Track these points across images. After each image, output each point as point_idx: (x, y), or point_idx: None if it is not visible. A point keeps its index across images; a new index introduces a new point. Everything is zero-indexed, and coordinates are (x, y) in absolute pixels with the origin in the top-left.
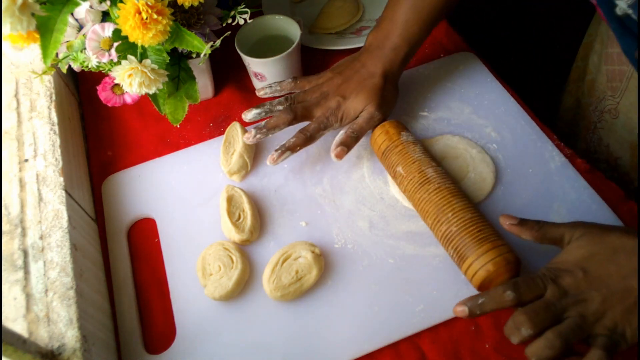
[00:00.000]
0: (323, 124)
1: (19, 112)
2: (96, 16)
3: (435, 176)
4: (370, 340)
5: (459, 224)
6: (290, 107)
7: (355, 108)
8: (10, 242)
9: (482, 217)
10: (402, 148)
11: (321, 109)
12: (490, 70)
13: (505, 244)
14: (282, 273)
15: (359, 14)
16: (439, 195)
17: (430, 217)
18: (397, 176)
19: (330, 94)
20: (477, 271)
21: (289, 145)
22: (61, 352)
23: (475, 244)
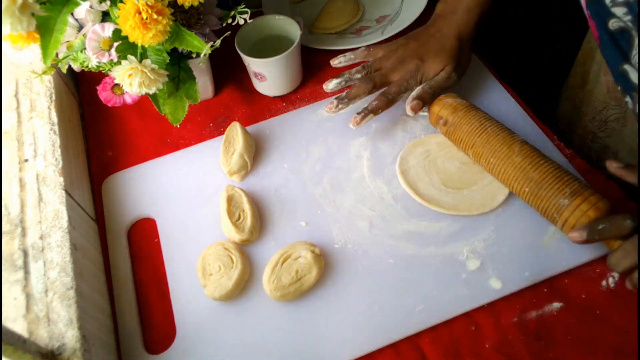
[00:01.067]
0: (403, 86)
1: (19, 112)
2: (96, 16)
3: (514, 135)
4: (370, 340)
5: (546, 178)
6: (368, 75)
7: (434, 69)
8: (10, 242)
9: (567, 170)
10: (466, 120)
11: (400, 73)
12: (491, 71)
13: (597, 193)
14: (282, 273)
15: (359, 14)
16: (511, 164)
17: (521, 175)
18: (479, 132)
19: (407, 58)
20: (581, 218)
21: (371, 108)
22: (61, 352)
23: (569, 194)
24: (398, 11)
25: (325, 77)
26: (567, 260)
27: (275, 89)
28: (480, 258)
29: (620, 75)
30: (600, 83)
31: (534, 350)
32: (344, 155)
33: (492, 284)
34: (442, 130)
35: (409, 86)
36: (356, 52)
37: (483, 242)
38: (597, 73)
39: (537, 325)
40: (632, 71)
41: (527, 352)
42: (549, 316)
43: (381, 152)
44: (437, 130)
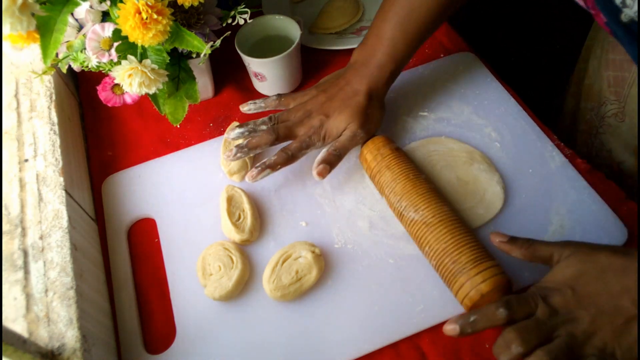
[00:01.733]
0: (305, 142)
1: (19, 112)
2: (96, 16)
3: (424, 194)
4: (370, 340)
5: (448, 244)
6: (273, 127)
7: (337, 127)
8: (10, 242)
9: (473, 236)
10: (387, 169)
11: (304, 128)
12: (491, 71)
13: (497, 265)
14: (282, 273)
15: (359, 14)
16: (429, 213)
17: (419, 239)
18: (386, 198)
19: (313, 112)
20: (469, 293)
21: (269, 163)
22: (61, 352)
23: (466, 264)
24: None
25: None
26: None
27: (275, 89)
28: None
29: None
30: (601, 77)
31: None
32: None
33: None
34: (367, 174)
35: (311, 143)
36: (267, 101)
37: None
38: (596, 68)
39: None
40: None
41: None
42: None
43: None
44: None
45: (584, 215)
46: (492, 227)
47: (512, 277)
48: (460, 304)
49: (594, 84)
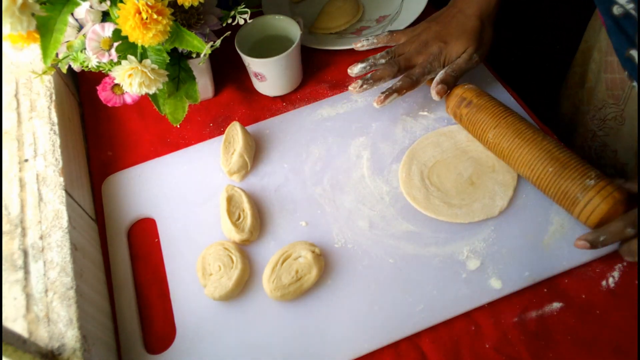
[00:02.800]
0: (427, 68)
1: (19, 112)
2: (96, 16)
3: (527, 128)
4: (370, 340)
5: (572, 161)
6: (394, 59)
7: (457, 51)
8: (10, 242)
9: (583, 159)
10: (491, 104)
11: (423, 56)
12: (491, 71)
13: (613, 182)
14: (282, 273)
15: (359, 14)
16: (537, 144)
17: (535, 167)
18: (505, 115)
19: (430, 41)
20: (594, 211)
21: (395, 87)
22: (61, 352)
23: (585, 184)
24: (398, 11)
25: (326, 77)
26: (567, 260)
27: (275, 89)
28: (480, 258)
29: (627, 60)
30: (601, 81)
31: (534, 350)
32: (344, 154)
33: (492, 283)
34: (463, 112)
35: (432, 68)
36: (379, 36)
37: (483, 242)
38: (596, 71)
39: (537, 325)
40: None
41: (527, 352)
42: (549, 316)
43: (381, 151)
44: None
45: None
46: (492, 223)
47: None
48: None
49: (595, 87)
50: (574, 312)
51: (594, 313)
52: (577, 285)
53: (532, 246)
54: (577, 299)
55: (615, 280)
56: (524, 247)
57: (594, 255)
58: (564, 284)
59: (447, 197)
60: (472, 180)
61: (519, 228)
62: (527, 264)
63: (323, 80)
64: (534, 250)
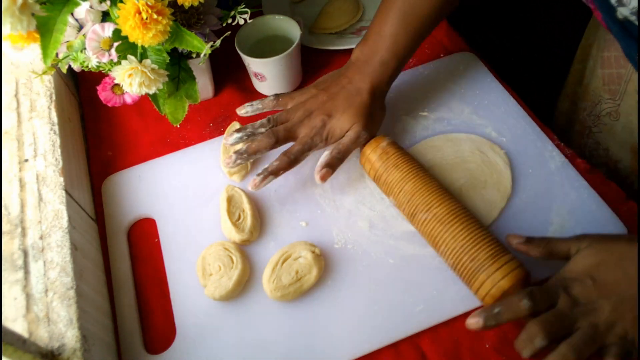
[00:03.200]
0: (307, 144)
1: (19, 112)
2: (96, 16)
3: (435, 192)
4: (370, 340)
5: (464, 241)
6: (272, 130)
7: (341, 127)
8: (10, 242)
9: (488, 232)
10: (394, 168)
11: (305, 129)
12: (491, 71)
13: (515, 258)
14: (282, 273)
15: (359, 14)
16: (442, 211)
17: (433, 238)
18: (395, 201)
19: (314, 112)
20: (490, 290)
21: (272, 169)
22: (61, 352)
23: (485, 261)
24: None
25: None
26: None
27: (275, 89)
28: None
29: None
30: (597, 76)
31: None
32: None
33: None
34: (370, 175)
35: (314, 144)
36: (264, 102)
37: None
38: (592, 67)
39: None
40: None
41: None
42: None
43: None
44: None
45: (585, 216)
46: (492, 228)
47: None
48: (480, 301)
49: (590, 83)
50: None
51: None
52: None
53: None
54: None
55: None
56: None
57: None
58: None
59: None
60: (462, 191)
61: (518, 228)
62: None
63: None
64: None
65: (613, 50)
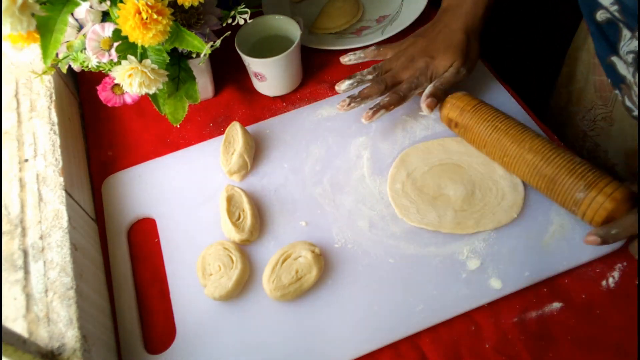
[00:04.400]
0: (414, 83)
1: (19, 112)
2: (96, 16)
3: (525, 130)
4: (370, 340)
5: (559, 173)
6: (380, 77)
7: (444, 65)
8: (10, 242)
9: (582, 159)
10: (484, 110)
11: (410, 71)
12: (491, 71)
13: (615, 180)
14: (282, 273)
15: (359, 14)
16: (537, 144)
17: (530, 163)
18: (489, 132)
19: (416, 56)
20: (598, 210)
21: (383, 103)
22: (61, 352)
23: (592, 182)
24: (398, 11)
25: (326, 77)
26: (567, 260)
27: (275, 89)
28: (480, 258)
29: (608, 67)
30: (589, 82)
31: (534, 350)
32: (344, 155)
33: (492, 283)
34: (455, 131)
35: (420, 83)
36: (366, 51)
37: (483, 242)
38: (584, 73)
39: (537, 325)
40: (620, 63)
41: (527, 352)
42: (549, 316)
43: (381, 152)
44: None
45: None
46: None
47: None
48: (587, 221)
49: (583, 88)
50: (574, 312)
51: (594, 313)
52: (577, 285)
53: (532, 246)
54: (577, 299)
55: (615, 280)
56: (524, 247)
57: (594, 255)
58: (564, 284)
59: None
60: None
61: (519, 228)
62: (527, 264)
63: (323, 80)
64: (534, 250)
65: None
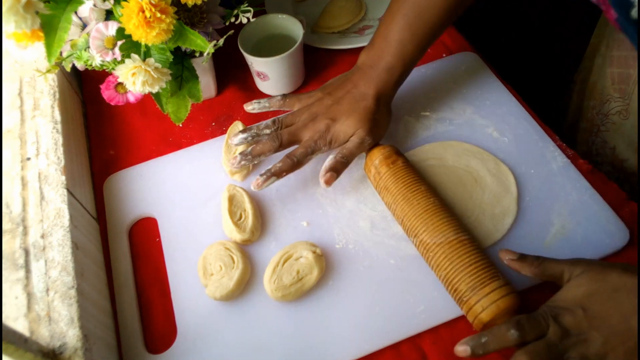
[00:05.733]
0: (310, 148)
1: (22, 111)
2: (100, 15)
3: (431, 209)
4: (371, 341)
5: (457, 264)
6: (276, 132)
7: (345, 132)
8: (12, 240)
9: (484, 255)
10: (394, 180)
11: (309, 132)
12: (493, 71)
13: (507, 284)
14: (283, 273)
15: (362, 13)
16: (437, 231)
17: (429, 256)
18: (392, 211)
19: (319, 116)
20: (479, 315)
21: (274, 170)
22: (62, 351)
23: (476, 286)
24: None
25: (328, 76)
26: None
27: (278, 88)
28: None
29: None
30: (605, 75)
31: None
32: None
33: None
34: (373, 181)
35: (317, 147)
36: (271, 101)
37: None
38: (600, 65)
39: None
40: None
41: None
42: None
43: None
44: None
45: (586, 217)
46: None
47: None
48: (471, 325)
49: (597, 81)
50: None
51: None
52: None
53: (533, 247)
54: None
55: None
56: (525, 248)
57: (594, 256)
58: None
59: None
60: (467, 207)
61: (520, 229)
62: None
63: (325, 79)
64: (535, 251)
65: (623, 49)
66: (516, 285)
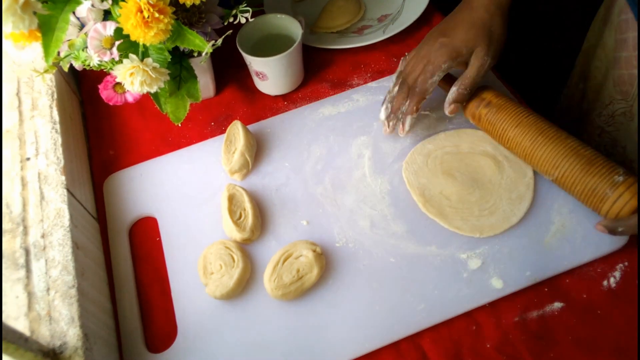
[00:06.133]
0: (429, 71)
1: (20, 111)
2: (98, 15)
3: (549, 127)
4: (371, 340)
5: (598, 157)
6: (403, 82)
7: (461, 41)
8: (12, 240)
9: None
10: (511, 104)
11: (424, 59)
12: (493, 71)
13: (636, 178)
14: (283, 272)
15: (361, 13)
16: (560, 142)
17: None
18: (527, 114)
19: (430, 40)
20: (624, 206)
21: (406, 110)
22: (63, 350)
23: (613, 180)
24: (400, 10)
25: (327, 76)
26: (568, 260)
27: (277, 88)
28: (481, 257)
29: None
30: (608, 77)
31: (534, 350)
32: (345, 154)
33: (493, 283)
34: (482, 112)
35: (436, 67)
36: (393, 83)
37: (484, 242)
38: (603, 68)
39: (538, 325)
40: None
41: (528, 352)
42: (550, 316)
43: (382, 151)
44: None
45: (586, 215)
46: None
47: None
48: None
49: (601, 83)
50: (575, 312)
51: (594, 313)
52: (578, 285)
53: (533, 246)
54: (578, 299)
55: (616, 280)
56: (525, 246)
57: (595, 255)
58: (565, 283)
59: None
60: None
61: (520, 227)
62: (528, 263)
63: (324, 79)
64: (535, 249)
65: (624, 51)
66: None
